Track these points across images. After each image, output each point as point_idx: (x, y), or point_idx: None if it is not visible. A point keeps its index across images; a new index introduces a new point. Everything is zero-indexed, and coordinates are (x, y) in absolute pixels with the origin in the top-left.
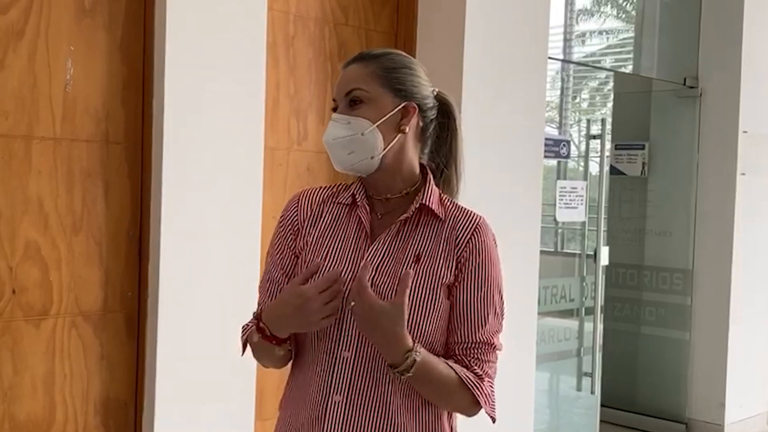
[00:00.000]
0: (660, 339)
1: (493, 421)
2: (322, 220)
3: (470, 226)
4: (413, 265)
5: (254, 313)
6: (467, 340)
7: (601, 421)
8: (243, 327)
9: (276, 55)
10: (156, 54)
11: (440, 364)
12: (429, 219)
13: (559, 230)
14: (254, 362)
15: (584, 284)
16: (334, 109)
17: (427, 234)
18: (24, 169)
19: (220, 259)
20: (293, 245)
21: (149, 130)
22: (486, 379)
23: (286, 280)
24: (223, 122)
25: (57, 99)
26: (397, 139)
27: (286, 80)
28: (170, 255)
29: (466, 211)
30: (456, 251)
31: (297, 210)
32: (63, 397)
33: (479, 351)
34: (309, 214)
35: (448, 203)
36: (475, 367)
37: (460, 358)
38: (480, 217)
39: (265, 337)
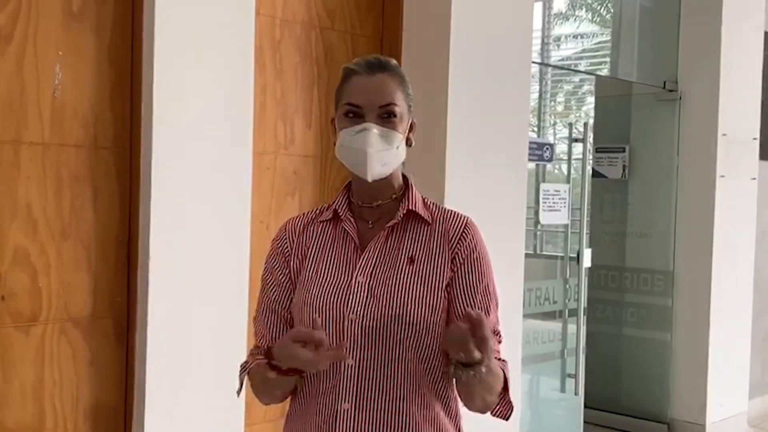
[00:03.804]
0: (642, 340)
1: (510, 414)
2: (309, 242)
3: (460, 225)
4: (407, 267)
5: (252, 350)
6: None
7: (584, 422)
8: (241, 365)
9: (263, 60)
10: (144, 58)
11: None
12: (417, 223)
13: (538, 233)
14: None
15: (567, 286)
16: (351, 114)
17: (417, 237)
18: (12, 175)
19: (209, 263)
20: (287, 273)
21: (138, 135)
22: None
23: (286, 310)
24: (212, 127)
25: (45, 104)
26: (405, 149)
27: (273, 84)
28: (159, 260)
29: (452, 213)
30: (450, 251)
31: (284, 239)
32: (52, 403)
33: None
34: (295, 240)
35: (433, 207)
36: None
37: None
38: (467, 216)
39: (280, 372)
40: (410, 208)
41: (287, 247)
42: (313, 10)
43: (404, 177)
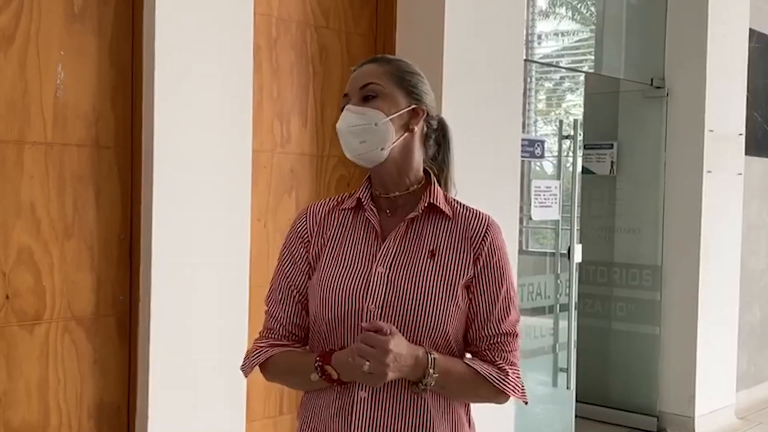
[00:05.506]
0: (631, 334)
1: (526, 404)
2: (330, 228)
3: (483, 224)
4: (428, 260)
5: (262, 332)
6: (493, 334)
7: (575, 416)
8: (256, 346)
9: (259, 59)
10: (145, 58)
11: (457, 364)
12: (437, 217)
13: (523, 229)
14: None
15: (558, 281)
16: (344, 105)
17: (437, 231)
18: (16, 175)
19: (211, 261)
20: (305, 257)
21: (139, 134)
22: (510, 369)
23: (302, 295)
24: (212, 126)
25: (48, 104)
26: (404, 136)
27: (269, 83)
28: (161, 258)
29: (473, 210)
30: (473, 249)
31: (305, 223)
32: (57, 401)
33: (504, 343)
34: (317, 225)
35: (454, 202)
36: (500, 361)
37: (485, 353)
38: (488, 215)
39: (330, 380)
40: (431, 201)
41: (307, 232)
42: (308, 8)
43: (426, 172)
